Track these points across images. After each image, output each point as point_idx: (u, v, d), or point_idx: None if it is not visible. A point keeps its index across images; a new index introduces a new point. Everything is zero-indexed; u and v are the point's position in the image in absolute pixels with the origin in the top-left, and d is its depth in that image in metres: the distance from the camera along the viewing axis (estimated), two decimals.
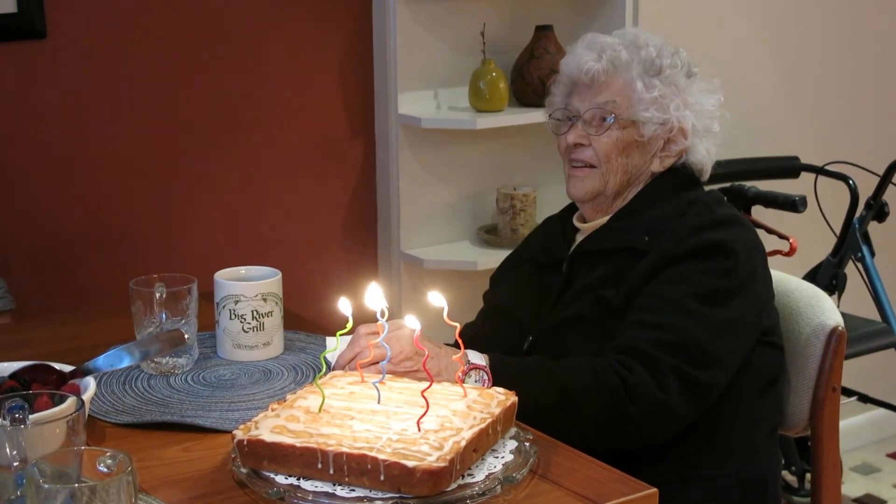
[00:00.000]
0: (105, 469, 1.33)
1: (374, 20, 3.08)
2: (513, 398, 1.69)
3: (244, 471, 1.58)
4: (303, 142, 3.07)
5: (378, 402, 1.67)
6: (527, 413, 1.74)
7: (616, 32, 2.23)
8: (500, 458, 1.62)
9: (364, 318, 1.82)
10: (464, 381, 1.75)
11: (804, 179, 3.48)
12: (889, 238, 3.64)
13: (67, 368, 1.79)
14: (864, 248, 3.41)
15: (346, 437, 1.55)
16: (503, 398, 1.69)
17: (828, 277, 3.43)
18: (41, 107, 2.74)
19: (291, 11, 2.99)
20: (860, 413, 4.01)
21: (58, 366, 1.79)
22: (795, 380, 2.18)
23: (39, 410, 1.51)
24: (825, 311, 2.18)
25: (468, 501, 1.52)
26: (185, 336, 1.92)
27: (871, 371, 3.71)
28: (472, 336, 2.13)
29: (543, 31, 3.11)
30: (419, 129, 3.05)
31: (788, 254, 3.22)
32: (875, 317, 3.40)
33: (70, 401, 1.53)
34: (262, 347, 2.06)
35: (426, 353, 1.81)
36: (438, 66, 3.12)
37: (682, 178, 2.18)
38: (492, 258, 2.96)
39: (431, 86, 3.13)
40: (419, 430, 1.57)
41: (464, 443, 1.54)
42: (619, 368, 1.92)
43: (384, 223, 3.18)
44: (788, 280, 2.26)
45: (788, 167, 3.50)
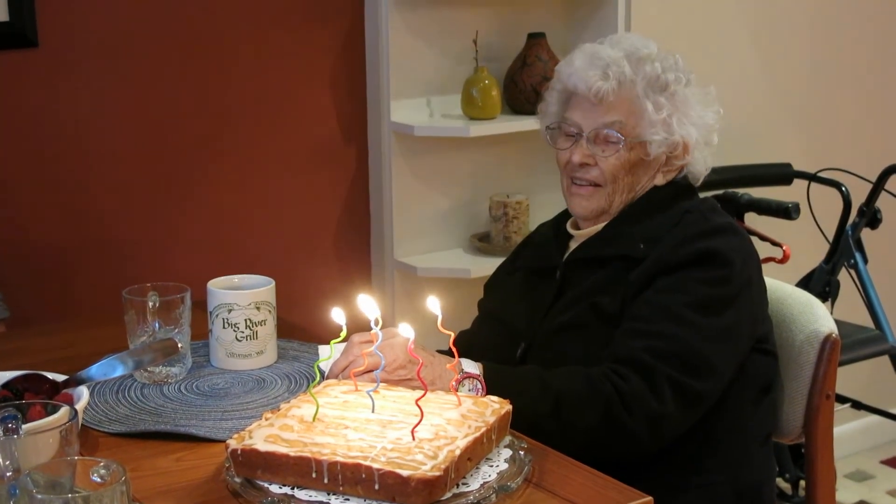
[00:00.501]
0: (98, 479, 1.32)
1: (367, 28, 3.07)
2: (507, 407, 1.69)
3: (238, 480, 1.58)
4: (296, 150, 3.07)
5: (372, 411, 1.67)
6: (521, 422, 1.74)
7: (611, 40, 2.20)
8: (495, 467, 1.62)
9: (357, 327, 1.82)
10: (458, 390, 1.75)
11: (797, 186, 3.48)
12: (882, 245, 3.64)
13: (60, 378, 1.79)
14: (857, 255, 3.42)
15: (341, 446, 1.55)
16: (497, 407, 1.68)
17: (821, 284, 3.43)
18: (33, 115, 2.74)
19: (283, 19, 2.99)
20: (854, 420, 4.01)
21: (51, 375, 1.79)
22: (789, 387, 2.18)
23: (32, 420, 1.51)
24: (819, 319, 2.17)
25: None
26: (179, 345, 1.91)
27: (865, 378, 3.71)
28: (467, 344, 2.12)
29: (536, 39, 3.12)
30: (412, 137, 3.05)
31: (782, 261, 3.22)
32: (868, 323, 3.40)
33: (63, 410, 1.53)
34: (256, 356, 2.06)
35: (420, 362, 1.81)
36: (431, 74, 3.12)
37: (679, 188, 2.18)
38: (485, 266, 2.96)
39: (424, 93, 3.13)
40: (413, 439, 1.56)
41: (458, 451, 1.53)
42: (614, 377, 1.92)
43: (377, 231, 3.18)
44: (782, 287, 2.26)
45: (781, 174, 3.50)
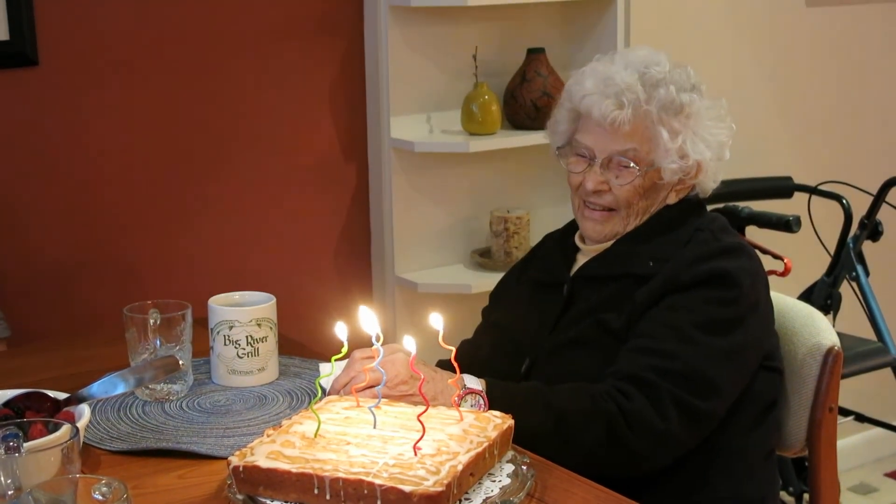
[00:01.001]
0: (100, 497, 1.32)
1: (367, 44, 3.08)
2: (509, 421, 1.69)
3: (240, 497, 1.57)
4: (296, 167, 3.07)
5: (374, 427, 1.66)
6: (524, 439, 1.74)
7: (622, 57, 2.16)
8: (498, 482, 1.62)
9: (359, 343, 1.82)
10: (460, 406, 1.75)
11: (798, 199, 3.48)
12: (883, 257, 3.64)
13: (62, 396, 1.78)
14: (859, 268, 3.41)
15: (343, 463, 1.55)
16: (499, 422, 1.68)
17: (823, 297, 3.43)
18: (34, 134, 2.74)
19: (284, 36, 2.99)
20: (857, 433, 4.00)
21: (52, 393, 1.79)
22: (792, 400, 2.18)
23: (34, 438, 1.51)
24: (821, 332, 2.17)
25: None
26: (180, 362, 1.91)
27: (868, 390, 3.70)
28: (470, 356, 2.12)
29: (535, 54, 3.12)
30: (412, 153, 3.05)
31: (783, 274, 3.22)
32: (871, 336, 3.40)
33: (64, 428, 1.52)
34: (257, 373, 2.05)
35: (422, 377, 1.81)
36: (431, 90, 3.13)
37: (689, 204, 2.17)
38: (486, 281, 2.96)
39: (424, 109, 3.13)
40: (416, 455, 1.56)
41: (461, 467, 1.53)
42: (618, 396, 1.91)
43: (378, 247, 3.18)
44: (784, 300, 2.25)
45: (782, 187, 3.50)
